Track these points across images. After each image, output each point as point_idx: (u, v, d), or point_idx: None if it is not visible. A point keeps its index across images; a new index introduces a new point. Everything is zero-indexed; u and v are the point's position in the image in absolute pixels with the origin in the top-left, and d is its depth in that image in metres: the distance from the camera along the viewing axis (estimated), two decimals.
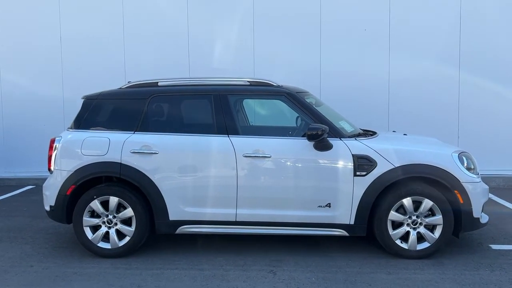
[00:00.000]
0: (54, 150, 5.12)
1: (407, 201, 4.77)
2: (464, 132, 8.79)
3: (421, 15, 8.74)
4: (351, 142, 4.88)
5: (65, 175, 5.00)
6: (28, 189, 8.71)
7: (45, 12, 9.10)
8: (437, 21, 8.72)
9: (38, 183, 8.66)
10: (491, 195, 6.90)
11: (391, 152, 4.81)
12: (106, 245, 4.99)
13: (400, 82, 8.81)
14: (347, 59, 8.82)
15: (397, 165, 4.76)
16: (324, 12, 8.82)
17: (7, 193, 8.36)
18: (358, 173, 4.77)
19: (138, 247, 5.06)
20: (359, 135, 5.18)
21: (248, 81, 5.28)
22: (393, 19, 8.76)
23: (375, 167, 4.76)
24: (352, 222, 4.82)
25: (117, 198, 4.93)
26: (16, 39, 9.17)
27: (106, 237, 5.00)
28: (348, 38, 8.82)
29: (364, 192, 4.77)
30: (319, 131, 4.71)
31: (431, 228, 4.84)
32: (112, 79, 7.94)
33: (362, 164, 4.77)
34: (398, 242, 4.84)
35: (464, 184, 4.77)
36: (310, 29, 8.84)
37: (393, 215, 4.80)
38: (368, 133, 5.41)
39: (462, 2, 8.68)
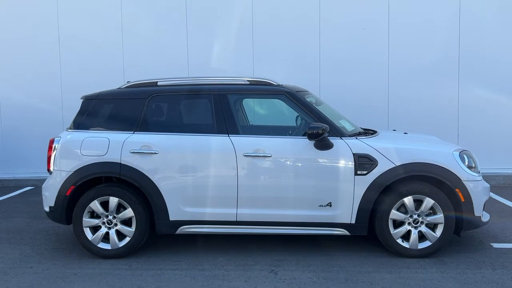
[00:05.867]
0: (54, 150, 5.09)
1: (408, 200, 4.76)
2: (465, 130, 8.79)
3: (420, 14, 8.73)
4: (352, 141, 4.86)
5: (64, 175, 4.98)
6: (28, 190, 8.68)
7: (43, 13, 9.08)
8: (436, 19, 8.71)
9: (38, 184, 8.65)
10: (492, 194, 6.89)
11: (391, 151, 4.80)
12: (106, 246, 4.97)
13: (399, 80, 8.80)
14: (346, 58, 8.81)
15: (398, 164, 4.74)
16: (323, 11, 8.80)
17: (6, 194, 8.34)
18: (359, 172, 4.75)
19: (138, 248, 5.04)
20: (359, 134, 5.17)
21: (247, 80, 5.25)
22: (392, 18, 8.75)
23: (376, 166, 4.74)
24: (353, 222, 4.81)
25: (117, 199, 4.91)
26: (14, 41, 9.15)
27: (106, 238, 4.98)
28: (347, 37, 8.81)
29: (365, 191, 4.75)
30: (319, 130, 4.68)
31: (433, 227, 4.83)
32: (111, 79, 7.92)
33: (363, 163, 4.75)
34: (399, 241, 4.82)
35: (465, 183, 4.76)
36: (309, 28, 8.82)
37: (394, 214, 4.79)
38: (368, 132, 5.40)
39: (461, 1, 8.68)
